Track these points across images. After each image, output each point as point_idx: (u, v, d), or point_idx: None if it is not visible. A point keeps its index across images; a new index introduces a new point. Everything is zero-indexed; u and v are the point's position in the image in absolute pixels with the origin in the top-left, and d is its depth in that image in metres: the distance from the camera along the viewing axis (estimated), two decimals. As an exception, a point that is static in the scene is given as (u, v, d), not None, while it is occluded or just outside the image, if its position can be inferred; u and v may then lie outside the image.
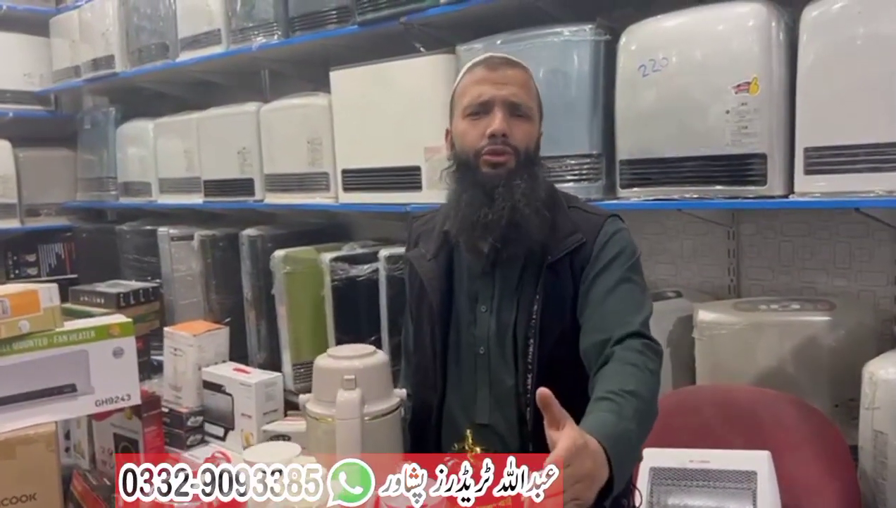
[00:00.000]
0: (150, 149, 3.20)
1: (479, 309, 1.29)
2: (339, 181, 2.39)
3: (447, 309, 1.30)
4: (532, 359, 1.22)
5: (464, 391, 1.29)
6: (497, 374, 1.27)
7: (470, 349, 1.29)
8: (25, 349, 1.92)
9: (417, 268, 1.34)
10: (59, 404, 1.87)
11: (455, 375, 1.30)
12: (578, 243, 1.23)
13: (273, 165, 2.63)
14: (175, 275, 3.00)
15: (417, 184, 2.14)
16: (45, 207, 3.63)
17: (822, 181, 1.52)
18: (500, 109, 1.23)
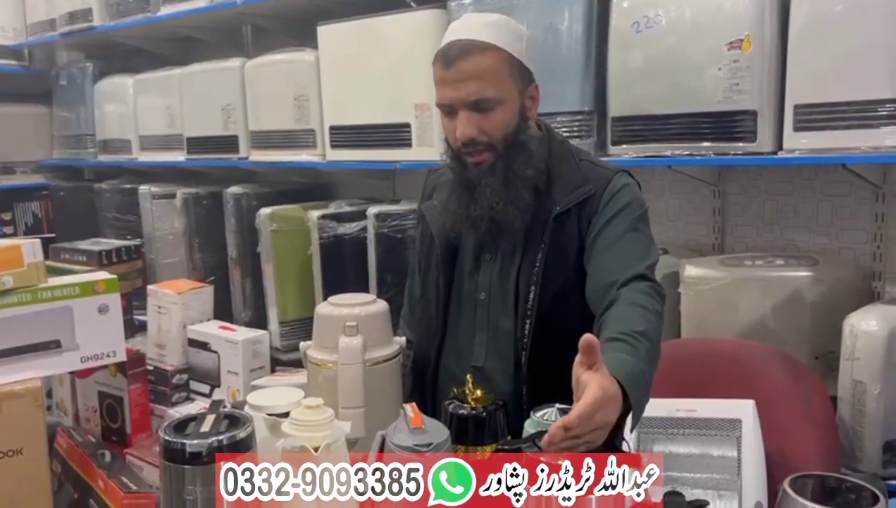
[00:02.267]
0: (129, 106, 3.14)
1: (484, 257, 1.32)
2: (327, 138, 2.37)
3: (453, 258, 1.33)
4: (532, 306, 1.25)
5: (462, 337, 1.33)
6: (496, 319, 1.30)
7: (470, 296, 1.33)
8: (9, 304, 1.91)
9: (429, 219, 1.37)
10: (44, 360, 1.86)
11: (455, 321, 1.33)
12: (587, 194, 1.25)
13: (258, 122, 2.60)
14: (157, 234, 2.97)
15: (407, 141, 2.14)
16: (20, 164, 3.55)
17: (810, 138, 1.55)
18: (462, 112, 1.22)
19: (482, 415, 1.09)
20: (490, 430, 1.09)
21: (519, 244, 1.28)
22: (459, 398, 1.12)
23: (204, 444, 0.93)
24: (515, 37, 1.25)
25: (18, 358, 1.85)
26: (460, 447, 1.08)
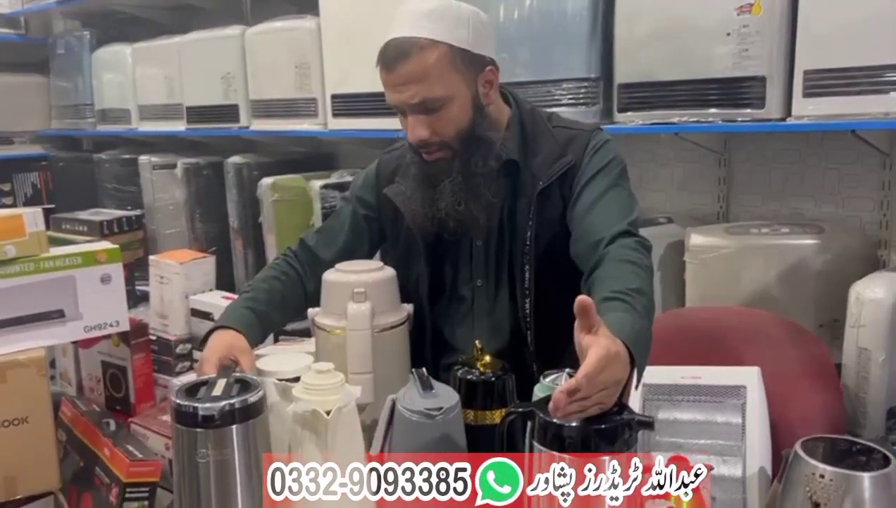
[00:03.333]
0: (128, 75, 3.11)
1: (475, 244, 1.30)
2: (329, 107, 2.35)
3: (436, 249, 1.30)
4: (529, 285, 1.24)
5: (461, 324, 1.32)
6: (495, 303, 1.29)
7: (466, 283, 1.31)
8: (12, 274, 1.90)
9: (401, 207, 1.30)
10: (48, 329, 1.86)
11: (452, 310, 1.32)
12: (568, 165, 1.24)
13: (259, 91, 2.57)
14: (157, 204, 2.96)
15: (411, 108, 2.11)
16: (18, 134, 3.53)
17: (819, 104, 1.53)
18: (410, 114, 1.20)
19: (491, 380, 1.09)
20: (499, 395, 1.09)
21: (506, 226, 1.27)
22: (467, 363, 1.12)
23: (216, 407, 0.93)
24: (458, 24, 1.17)
25: (22, 328, 1.85)
26: (469, 411, 1.08)
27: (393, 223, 1.36)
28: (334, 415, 0.95)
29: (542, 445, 0.83)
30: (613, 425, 0.81)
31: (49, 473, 1.79)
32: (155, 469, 1.93)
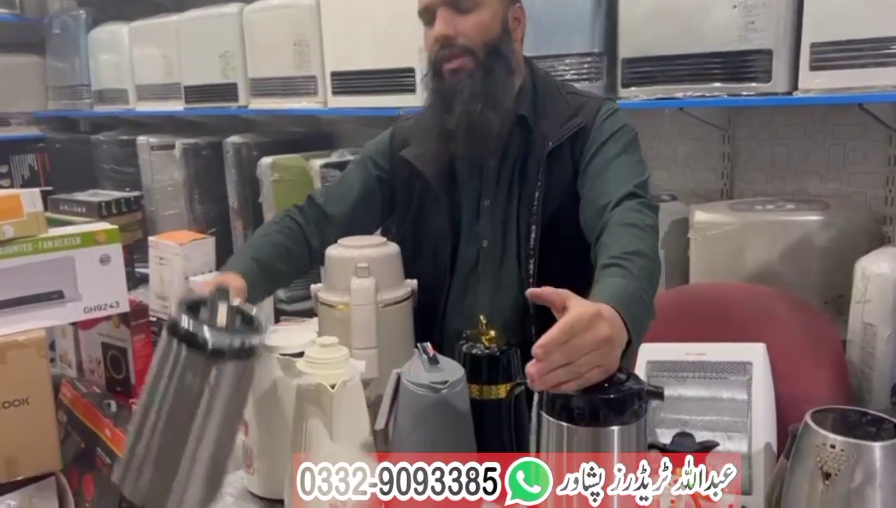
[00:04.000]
0: (125, 54, 3.08)
1: (483, 204, 1.31)
2: (328, 85, 2.33)
3: (457, 207, 1.31)
4: (534, 245, 1.25)
5: (465, 286, 1.32)
6: (500, 264, 1.29)
7: (472, 244, 1.32)
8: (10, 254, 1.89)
9: (421, 169, 1.32)
10: (47, 310, 1.85)
11: (457, 271, 1.32)
12: (578, 126, 1.24)
13: (257, 69, 2.55)
14: (156, 185, 2.94)
15: (411, 86, 2.10)
16: (14, 116, 3.49)
17: (826, 77, 1.51)
18: (440, 10, 1.20)
19: (496, 355, 1.08)
20: (504, 369, 1.08)
21: (515, 185, 1.28)
22: (472, 338, 1.11)
23: (226, 341, 0.83)
24: None
25: (21, 309, 1.84)
26: (474, 386, 1.07)
27: (406, 187, 1.36)
28: (339, 389, 0.94)
29: (550, 416, 0.82)
30: (622, 394, 0.80)
31: (50, 454, 1.79)
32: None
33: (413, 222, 1.36)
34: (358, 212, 1.37)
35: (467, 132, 1.22)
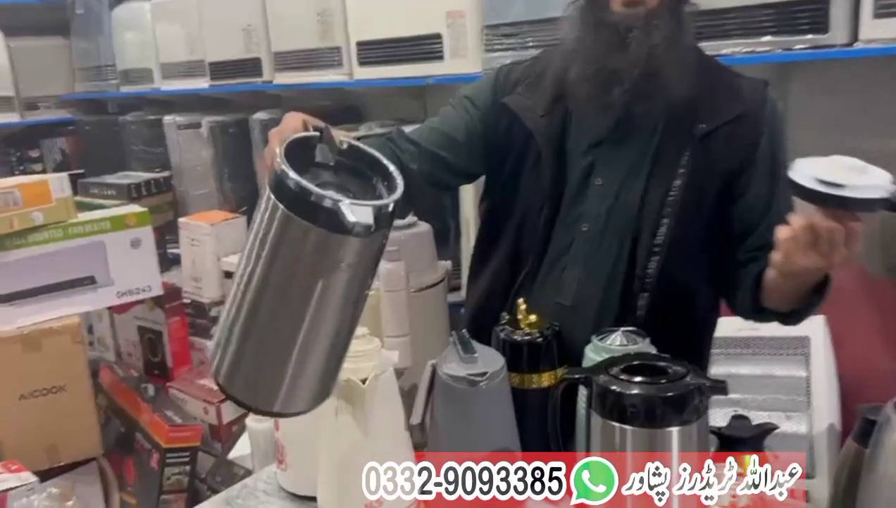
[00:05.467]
0: (148, 32, 3.03)
1: (594, 182, 1.11)
2: (354, 55, 2.25)
3: (561, 178, 1.12)
4: (664, 239, 1.06)
5: (547, 273, 1.14)
6: (600, 253, 1.11)
7: (568, 226, 1.12)
8: (41, 241, 1.88)
9: (527, 122, 1.13)
10: (80, 296, 1.83)
11: (544, 255, 1.15)
12: (738, 112, 1.06)
13: (281, 42, 2.48)
14: (185, 165, 2.91)
15: (438, 53, 2.01)
16: (43, 99, 3.48)
17: (892, 25, 1.39)
18: None
19: (538, 341, 1.01)
20: (547, 357, 1.01)
21: (644, 168, 1.08)
22: (511, 323, 1.04)
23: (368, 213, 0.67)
24: None
25: (54, 295, 1.82)
26: (514, 374, 1.00)
27: (503, 144, 1.16)
28: (371, 383, 0.89)
29: (601, 415, 0.75)
30: (681, 391, 0.72)
31: (90, 440, 1.78)
32: (195, 433, 1.92)
33: (502, 189, 1.17)
34: (462, 157, 1.17)
35: (643, 78, 1.02)
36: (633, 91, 1.04)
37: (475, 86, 1.22)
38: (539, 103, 1.13)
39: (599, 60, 1.04)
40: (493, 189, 1.20)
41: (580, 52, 1.06)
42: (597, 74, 1.04)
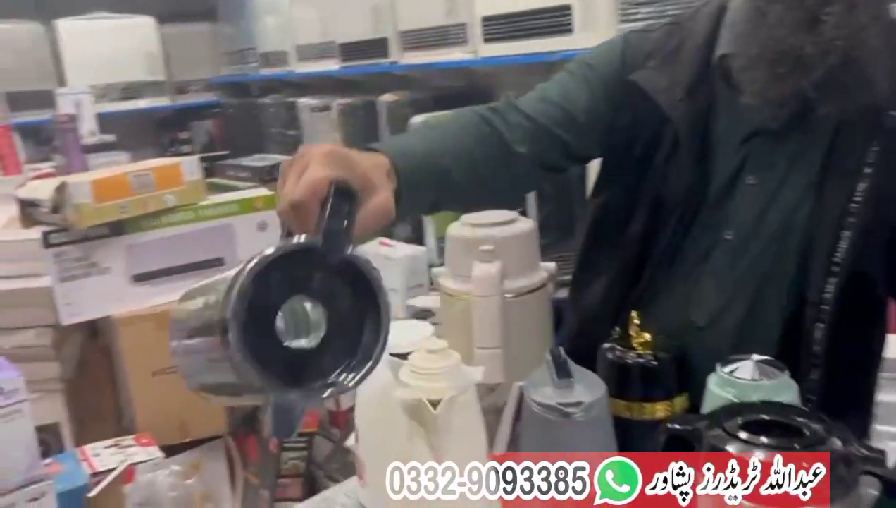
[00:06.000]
0: (285, 15, 3.06)
1: (745, 180, 0.90)
2: (479, 32, 2.12)
3: (703, 174, 0.92)
4: (845, 256, 0.85)
5: (673, 284, 0.95)
6: (746, 267, 0.91)
7: (709, 231, 0.93)
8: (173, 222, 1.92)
9: (662, 105, 0.92)
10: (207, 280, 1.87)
11: (672, 263, 0.96)
12: None
13: (407, 21, 2.40)
14: (317, 148, 2.93)
15: (567, 26, 1.84)
16: (192, 83, 3.64)
17: None
18: None
19: (651, 364, 0.85)
20: (662, 384, 0.85)
21: (813, 166, 0.88)
22: (621, 341, 0.88)
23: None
24: None
25: (185, 276, 1.85)
26: (621, 402, 0.85)
27: (630, 128, 0.96)
28: (444, 406, 0.77)
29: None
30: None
31: (218, 418, 1.81)
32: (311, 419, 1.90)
33: (626, 183, 0.97)
34: (580, 138, 0.97)
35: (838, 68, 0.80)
36: (821, 84, 0.81)
37: (599, 54, 1.00)
38: (678, 83, 0.92)
39: (781, 41, 0.81)
40: (613, 181, 1.00)
41: (752, 26, 0.83)
42: (777, 59, 0.81)
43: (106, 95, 3.29)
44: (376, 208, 0.68)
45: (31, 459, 0.97)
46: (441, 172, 0.86)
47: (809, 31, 0.79)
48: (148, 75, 3.44)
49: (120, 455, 1.44)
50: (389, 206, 0.69)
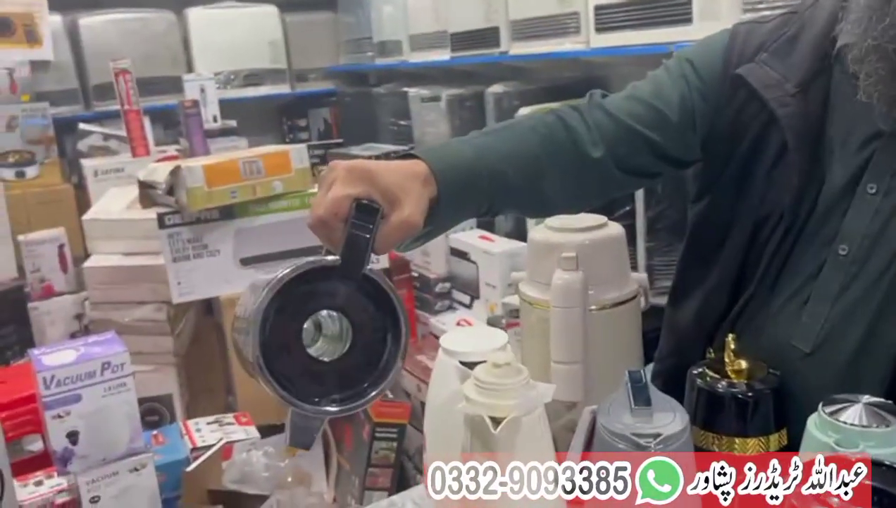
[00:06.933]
0: (400, 4, 3.06)
1: (865, 188, 0.81)
2: (592, 20, 2.03)
3: (816, 181, 0.83)
4: None
5: (778, 304, 0.86)
6: (863, 287, 0.82)
7: (820, 245, 0.84)
8: (280, 208, 1.98)
9: (770, 102, 0.84)
10: (314, 264, 1.90)
11: (778, 280, 0.87)
12: None
13: (519, 10, 2.33)
14: (426, 138, 2.91)
15: (686, 15, 1.71)
16: (312, 71, 3.71)
17: None
18: None
19: (747, 397, 0.76)
20: (757, 418, 0.76)
21: None
22: (714, 366, 0.80)
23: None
24: None
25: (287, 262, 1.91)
26: (711, 435, 0.77)
27: (734, 129, 0.88)
28: (506, 426, 0.72)
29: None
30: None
31: None
32: (403, 411, 1.91)
33: (727, 189, 0.89)
34: (672, 139, 0.90)
35: None
36: None
37: (702, 47, 0.93)
38: (790, 77, 0.83)
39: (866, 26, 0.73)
40: (714, 187, 0.92)
41: (873, 13, 0.75)
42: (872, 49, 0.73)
43: (229, 81, 3.42)
44: (400, 221, 0.69)
45: (134, 431, 1.01)
46: (495, 177, 0.82)
47: None
48: (270, 63, 3.54)
49: (220, 431, 1.48)
50: (413, 219, 0.70)
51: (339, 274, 0.61)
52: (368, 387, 0.62)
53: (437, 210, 0.75)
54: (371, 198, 0.67)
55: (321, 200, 0.68)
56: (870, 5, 0.75)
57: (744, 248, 0.87)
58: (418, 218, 0.71)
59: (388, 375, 0.62)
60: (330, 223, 0.67)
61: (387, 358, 0.64)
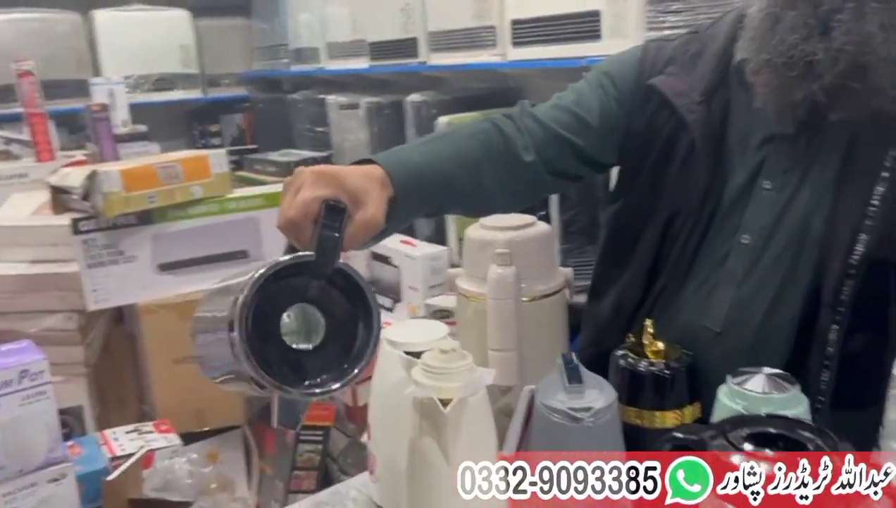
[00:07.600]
0: (318, 12, 3.09)
1: (762, 185, 0.91)
2: (508, 35, 2.13)
3: (719, 179, 0.93)
4: (861, 259, 0.85)
5: (685, 291, 0.96)
6: (763, 272, 0.91)
7: (724, 236, 0.94)
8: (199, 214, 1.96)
9: (679, 108, 0.94)
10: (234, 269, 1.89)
11: (689, 269, 0.97)
12: None
13: (437, 21, 2.41)
14: (345, 145, 2.94)
15: (595, 32, 1.84)
16: (224, 77, 3.67)
17: None
18: None
19: (664, 374, 0.85)
20: (674, 393, 0.85)
21: (830, 170, 0.88)
22: (634, 348, 0.89)
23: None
24: None
25: (209, 267, 1.89)
26: (632, 409, 0.86)
27: (646, 134, 0.98)
28: (455, 407, 0.78)
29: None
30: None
31: (235, 408, 1.83)
32: (328, 413, 1.93)
33: (641, 189, 0.99)
34: (593, 144, 0.99)
35: (847, 73, 0.80)
36: (830, 90, 0.82)
37: (617, 61, 1.04)
38: (696, 87, 0.94)
39: (793, 47, 0.82)
40: (629, 188, 1.02)
41: (765, 32, 0.85)
42: (788, 64, 0.83)
43: (139, 85, 3.34)
44: (365, 221, 0.76)
45: (53, 441, 0.99)
46: (443, 179, 0.91)
47: (820, 37, 0.80)
48: (181, 68, 3.48)
49: (139, 440, 1.47)
50: (376, 219, 0.77)
51: (312, 270, 0.66)
52: (347, 368, 0.68)
53: (393, 210, 0.82)
54: (338, 199, 0.72)
55: (290, 203, 0.73)
56: (763, 25, 0.86)
57: (657, 242, 0.97)
58: (380, 218, 0.77)
59: (364, 357, 0.68)
60: (300, 224, 0.72)
61: (360, 344, 0.69)
